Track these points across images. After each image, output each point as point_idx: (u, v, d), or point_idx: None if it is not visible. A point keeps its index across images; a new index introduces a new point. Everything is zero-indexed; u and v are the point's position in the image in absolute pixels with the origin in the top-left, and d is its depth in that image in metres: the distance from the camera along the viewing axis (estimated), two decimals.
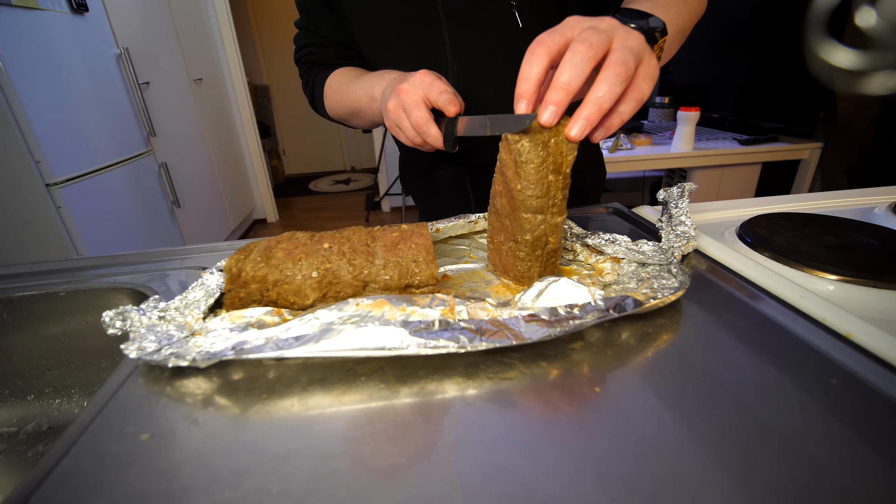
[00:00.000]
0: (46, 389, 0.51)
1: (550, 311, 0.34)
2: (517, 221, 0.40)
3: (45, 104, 1.39)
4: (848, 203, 0.63)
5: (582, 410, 0.28)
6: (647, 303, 0.35)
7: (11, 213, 1.38)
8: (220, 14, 2.75)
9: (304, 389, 0.31)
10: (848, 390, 0.28)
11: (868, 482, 0.22)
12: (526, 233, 0.40)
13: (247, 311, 0.35)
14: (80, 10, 1.59)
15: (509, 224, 0.41)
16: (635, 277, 0.41)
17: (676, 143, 1.74)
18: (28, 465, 0.47)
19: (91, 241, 1.52)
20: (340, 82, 0.63)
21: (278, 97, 4.36)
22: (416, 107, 0.46)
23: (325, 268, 0.37)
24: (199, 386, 0.31)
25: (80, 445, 0.27)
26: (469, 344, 0.31)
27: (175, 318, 0.36)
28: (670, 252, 0.43)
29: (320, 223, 3.24)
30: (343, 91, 0.62)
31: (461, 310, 0.34)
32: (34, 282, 0.50)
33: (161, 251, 0.57)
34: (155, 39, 2.12)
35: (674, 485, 0.23)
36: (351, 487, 0.23)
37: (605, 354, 0.33)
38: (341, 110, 0.65)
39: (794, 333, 0.34)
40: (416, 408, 0.29)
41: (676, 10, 0.47)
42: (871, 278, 0.40)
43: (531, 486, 0.23)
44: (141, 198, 1.86)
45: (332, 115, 0.68)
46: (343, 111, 0.64)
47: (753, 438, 0.25)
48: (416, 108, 0.46)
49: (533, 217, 0.39)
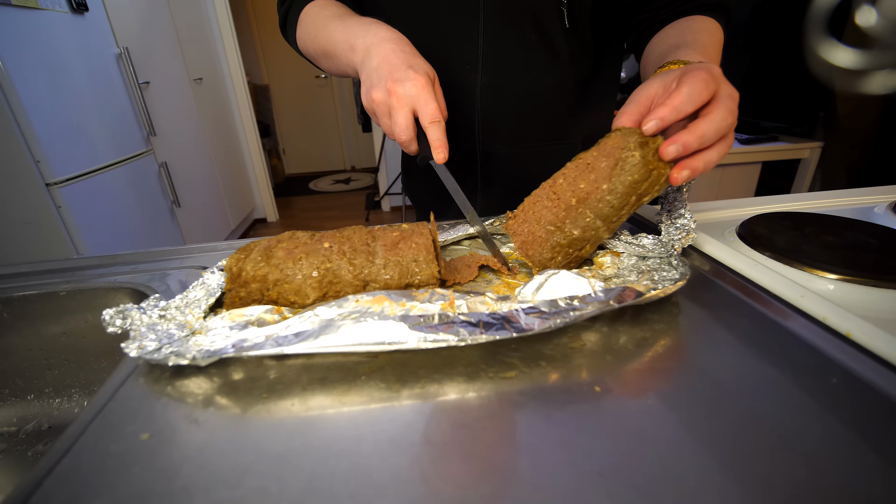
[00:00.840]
0: (46, 389, 0.51)
1: (550, 303, 0.34)
2: (575, 214, 0.40)
3: (45, 104, 1.39)
4: (848, 203, 0.63)
5: (582, 410, 0.28)
6: (647, 293, 0.35)
7: (11, 213, 1.38)
8: (220, 14, 2.75)
9: (304, 389, 0.31)
10: (848, 390, 0.28)
11: (868, 482, 0.22)
12: (577, 228, 0.40)
13: (247, 310, 0.35)
14: (80, 9, 1.59)
15: (563, 211, 0.41)
16: (636, 270, 0.41)
17: None
18: (28, 465, 0.47)
19: (91, 240, 1.52)
20: (320, 16, 0.57)
21: (278, 97, 4.36)
22: (403, 117, 0.44)
23: (325, 267, 0.37)
24: (199, 386, 0.31)
25: (80, 445, 0.27)
26: (469, 337, 0.31)
27: (175, 317, 0.36)
28: (670, 245, 0.43)
29: (320, 223, 3.24)
30: (321, 27, 0.56)
31: (461, 304, 0.34)
32: (34, 281, 0.50)
33: (161, 251, 0.57)
34: (155, 39, 2.12)
35: (674, 485, 0.23)
36: (351, 487, 0.23)
37: (605, 354, 0.33)
38: (312, 47, 0.58)
39: (794, 333, 0.34)
40: (417, 408, 0.29)
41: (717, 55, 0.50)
42: (871, 278, 0.40)
43: (531, 486, 0.23)
44: (141, 197, 1.86)
45: (301, 49, 0.62)
46: (314, 49, 0.58)
47: (753, 438, 0.25)
48: (402, 119, 0.44)
49: (594, 220, 0.39)
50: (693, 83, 0.36)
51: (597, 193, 0.39)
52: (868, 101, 1.46)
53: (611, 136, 0.40)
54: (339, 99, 4.48)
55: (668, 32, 0.54)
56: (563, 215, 0.40)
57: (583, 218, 0.40)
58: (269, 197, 3.27)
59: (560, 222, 0.40)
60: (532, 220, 0.43)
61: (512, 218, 0.46)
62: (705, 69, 0.37)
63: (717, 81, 0.37)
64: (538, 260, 0.41)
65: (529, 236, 0.43)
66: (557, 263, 0.41)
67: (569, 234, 0.40)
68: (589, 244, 0.41)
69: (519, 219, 0.45)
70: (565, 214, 0.40)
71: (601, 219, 0.40)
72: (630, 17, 0.60)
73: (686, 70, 0.38)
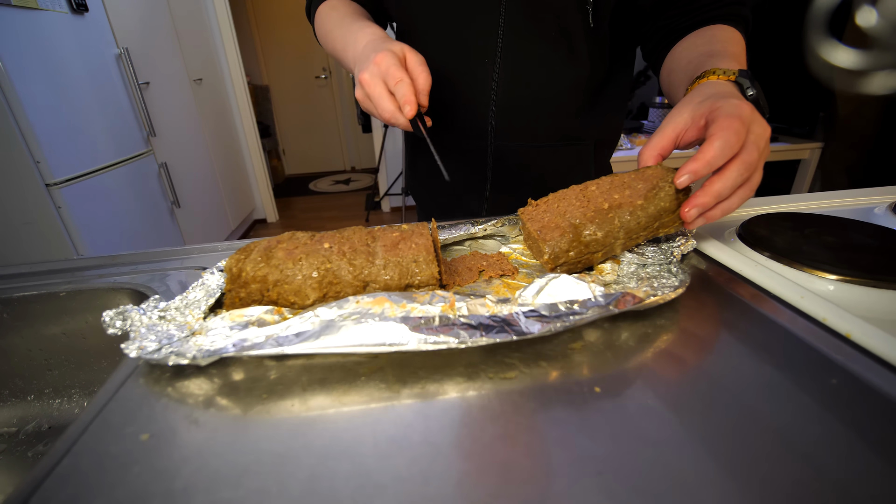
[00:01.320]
0: (46, 389, 0.51)
1: (550, 306, 0.34)
2: (604, 217, 0.40)
3: (44, 104, 1.39)
4: (848, 203, 0.63)
5: (582, 410, 0.28)
6: (647, 300, 0.35)
7: (11, 213, 1.38)
8: (220, 14, 2.75)
9: (304, 390, 0.31)
10: (848, 390, 0.28)
11: (868, 482, 0.22)
12: (601, 230, 0.40)
13: (247, 310, 0.35)
14: (80, 10, 1.59)
15: (592, 212, 0.41)
16: (635, 277, 0.41)
17: None
18: (28, 465, 0.47)
19: (91, 241, 1.52)
20: (329, 18, 0.62)
21: (278, 97, 4.36)
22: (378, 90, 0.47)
23: (325, 268, 0.37)
24: (199, 386, 0.31)
25: (80, 445, 0.27)
26: (469, 339, 0.31)
27: (175, 317, 0.36)
28: (670, 251, 0.43)
29: (320, 223, 3.24)
30: (330, 29, 0.61)
31: (461, 306, 0.34)
32: (34, 282, 0.50)
33: (161, 251, 0.57)
34: (155, 39, 2.12)
35: (674, 485, 0.23)
36: (351, 487, 0.23)
37: (605, 354, 0.33)
38: (327, 46, 0.64)
39: (794, 333, 0.34)
40: (417, 408, 0.29)
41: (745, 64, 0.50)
42: (871, 278, 0.40)
43: (531, 486, 0.23)
44: (141, 198, 1.86)
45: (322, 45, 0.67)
46: (328, 48, 0.64)
47: (753, 438, 0.25)
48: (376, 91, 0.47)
49: (618, 229, 0.40)
50: (726, 136, 0.37)
51: (630, 206, 0.41)
52: (868, 102, 1.46)
53: (650, 168, 0.43)
54: (339, 99, 4.49)
55: (693, 41, 0.54)
56: (591, 215, 0.41)
57: (610, 223, 0.40)
58: (269, 197, 3.28)
59: (587, 220, 0.41)
60: (556, 212, 0.43)
61: (533, 206, 0.46)
62: (737, 116, 0.37)
63: (746, 126, 0.38)
64: (553, 246, 0.41)
65: (550, 223, 0.42)
66: (569, 259, 0.41)
67: (592, 234, 0.40)
68: (602, 252, 0.41)
69: (541, 208, 0.45)
70: (594, 215, 0.41)
71: (625, 230, 0.41)
72: (649, 24, 0.59)
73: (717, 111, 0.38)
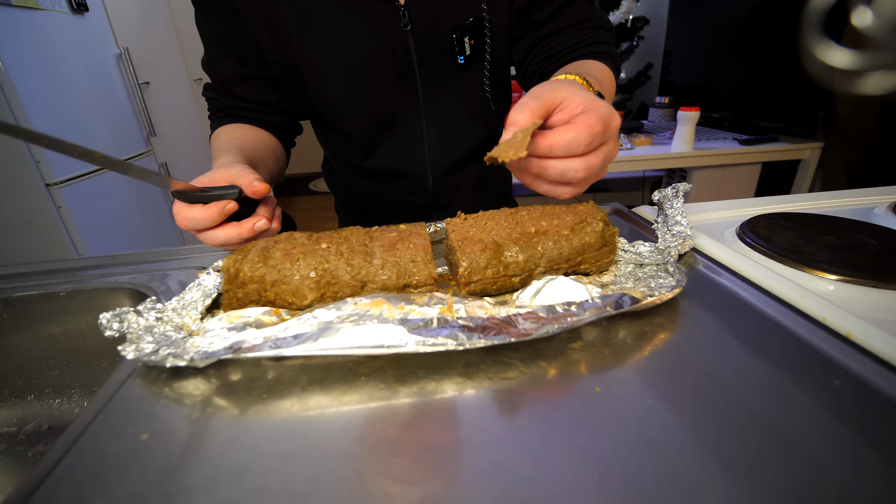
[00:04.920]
0: (46, 389, 0.51)
1: (548, 308, 0.34)
2: (528, 241, 0.40)
3: (45, 104, 1.39)
4: (848, 203, 0.63)
5: (582, 410, 0.28)
6: (644, 300, 0.35)
7: (11, 213, 1.39)
8: None
9: (303, 389, 0.31)
10: (848, 390, 0.28)
11: (868, 482, 0.22)
12: (523, 254, 0.40)
13: (245, 312, 0.35)
14: (80, 10, 1.60)
15: (518, 234, 0.40)
16: (632, 277, 0.41)
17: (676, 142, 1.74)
18: (28, 465, 0.47)
19: (91, 241, 1.52)
20: (213, 145, 0.60)
21: None
22: (217, 235, 0.43)
23: (323, 268, 0.37)
24: (198, 387, 0.31)
25: (80, 445, 0.27)
26: (467, 341, 0.31)
27: (172, 319, 0.35)
28: (667, 252, 0.43)
29: (319, 223, 3.24)
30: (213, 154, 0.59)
31: (459, 308, 0.34)
32: (34, 282, 0.50)
33: (161, 251, 0.57)
34: (155, 39, 2.12)
35: (674, 485, 0.23)
36: (351, 487, 0.23)
37: (605, 355, 0.33)
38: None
39: (794, 333, 0.34)
40: (416, 408, 0.29)
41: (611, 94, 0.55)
42: (871, 278, 0.40)
43: (531, 486, 0.23)
44: (141, 198, 1.86)
45: None
46: None
47: (753, 438, 0.25)
48: (218, 235, 0.43)
49: (541, 256, 0.40)
50: (589, 131, 0.36)
51: (555, 235, 0.41)
52: (868, 102, 1.46)
53: (582, 204, 0.45)
54: None
55: (563, 70, 0.57)
56: (516, 237, 0.40)
57: (533, 248, 0.40)
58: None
59: (511, 241, 0.40)
60: (483, 228, 0.42)
61: (462, 219, 0.44)
62: (606, 121, 0.37)
63: (605, 138, 0.38)
64: (471, 261, 0.39)
65: (474, 237, 0.41)
66: (485, 277, 0.39)
67: (514, 256, 0.39)
68: (520, 278, 0.40)
69: (468, 222, 0.43)
70: (519, 237, 0.40)
71: (546, 258, 0.40)
72: (522, 69, 0.67)
73: (592, 107, 0.37)
